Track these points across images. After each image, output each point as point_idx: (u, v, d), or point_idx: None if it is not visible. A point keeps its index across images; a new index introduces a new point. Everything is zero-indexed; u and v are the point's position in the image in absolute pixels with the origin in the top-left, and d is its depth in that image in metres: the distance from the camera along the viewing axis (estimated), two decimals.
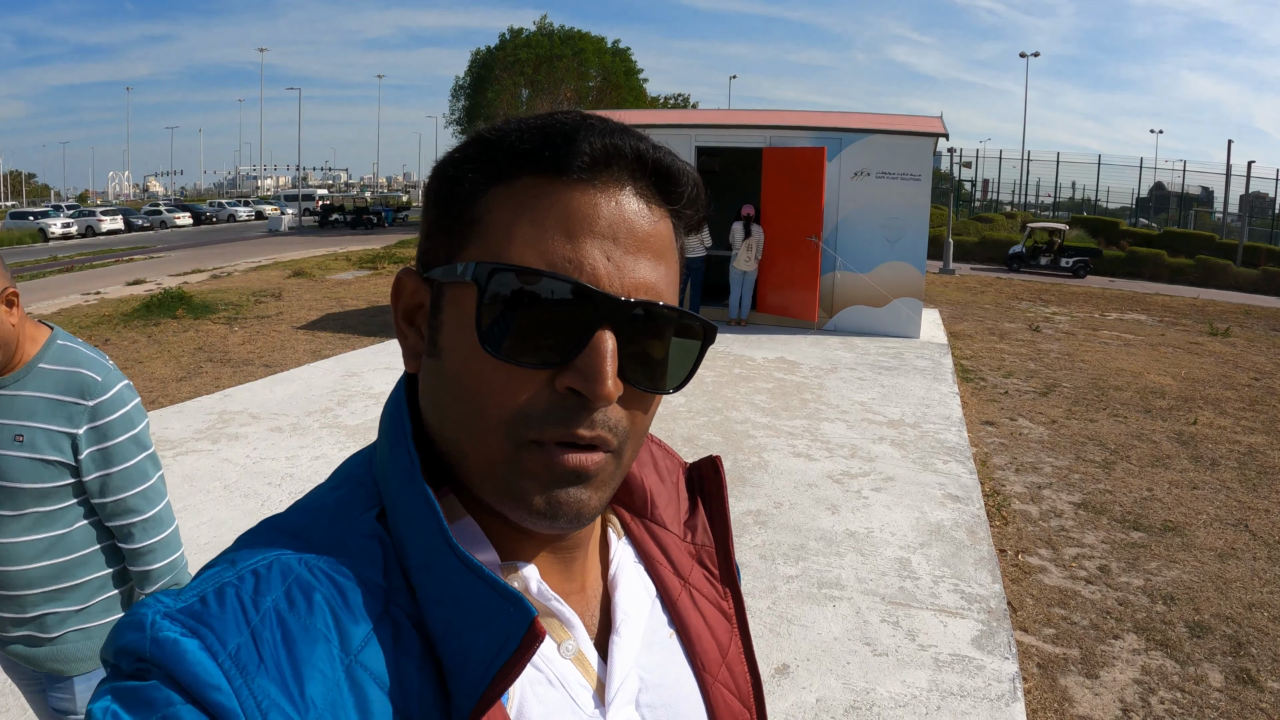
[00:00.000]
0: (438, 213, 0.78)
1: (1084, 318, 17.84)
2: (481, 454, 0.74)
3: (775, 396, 9.60)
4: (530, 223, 0.72)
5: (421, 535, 0.71)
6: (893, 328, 13.71)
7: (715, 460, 1.03)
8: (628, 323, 0.72)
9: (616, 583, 0.89)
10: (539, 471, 0.72)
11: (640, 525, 0.96)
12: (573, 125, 0.74)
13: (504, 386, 0.71)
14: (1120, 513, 6.74)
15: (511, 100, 52.64)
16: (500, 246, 0.72)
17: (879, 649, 4.38)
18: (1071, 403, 10.27)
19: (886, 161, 13.49)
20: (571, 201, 0.72)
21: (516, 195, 0.73)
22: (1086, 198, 46.70)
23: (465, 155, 0.77)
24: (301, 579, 0.68)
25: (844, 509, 6.29)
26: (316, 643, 0.65)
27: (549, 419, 0.71)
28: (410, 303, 0.81)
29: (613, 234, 0.72)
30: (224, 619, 0.64)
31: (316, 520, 0.75)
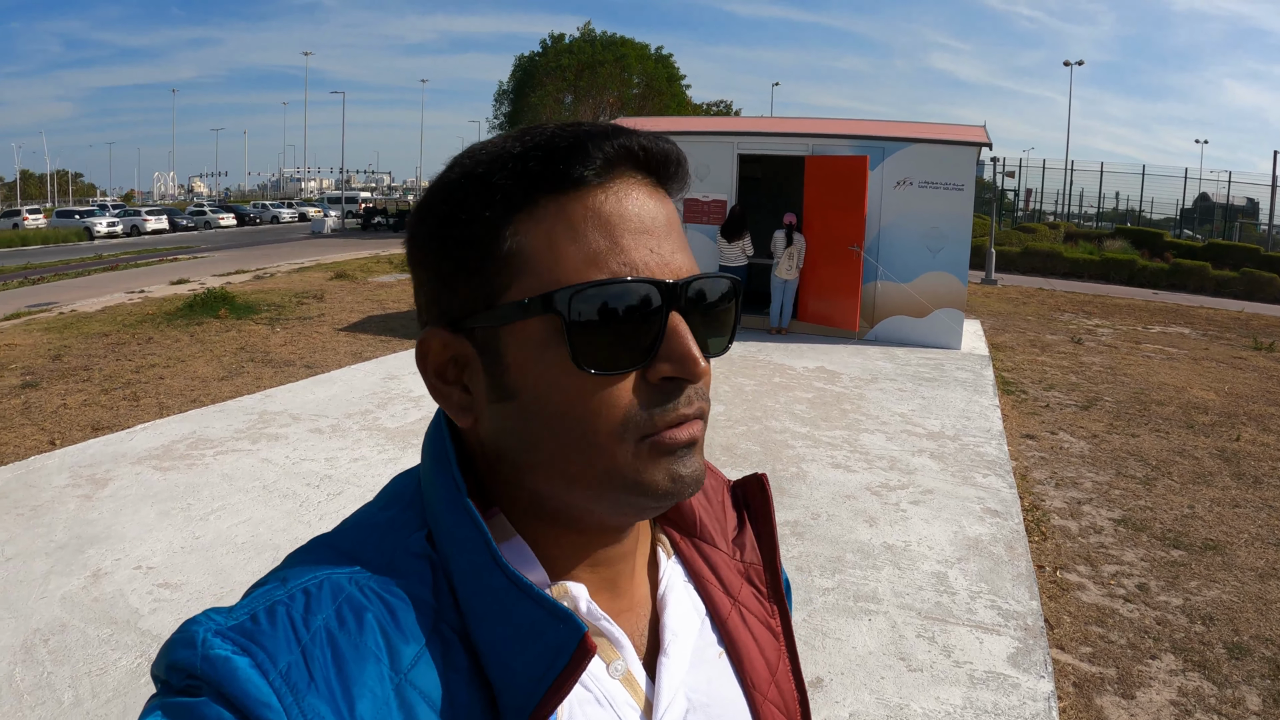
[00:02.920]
0: (453, 262, 0.78)
1: (1127, 330, 17.68)
2: (597, 470, 0.75)
3: (815, 406, 9.60)
4: (571, 240, 0.73)
5: (470, 554, 0.73)
6: (934, 338, 13.65)
7: (761, 478, 1.04)
8: (687, 302, 0.76)
9: (666, 602, 0.89)
10: (660, 457, 0.75)
11: (689, 544, 0.97)
12: (575, 136, 0.76)
13: (605, 399, 0.73)
14: (1160, 530, 6.70)
15: (555, 105, 52.76)
16: (552, 271, 0.73)
17: (914, 664, 4.39)
18: (1113, 417, 10.20)
19: (929, 171, 13.44)
20: (600, 208, 0.74)
21: (544, 219, 0.74)
22: (1131, 208, 46.24)
23: (462, 195, 0.77)
24: (352, 598, 0.69)
25: (882, 521, 6.29)
26: (367, 661, 0.66)
27: (655, 410, 0.74)
28: (442, 359, 0.80)
29: (644, 228, 0.75)
30: (275, 637, 0.65)
31: (366, 539, 0.77)
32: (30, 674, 4.11)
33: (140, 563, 5.32)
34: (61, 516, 6.03)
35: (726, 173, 14.73)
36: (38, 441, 8.13)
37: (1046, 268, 31.17)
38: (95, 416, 9.03)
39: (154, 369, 11.46)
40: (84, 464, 7.19)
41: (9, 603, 4.79)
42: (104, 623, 4.60)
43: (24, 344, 13.33)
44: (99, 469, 7.05)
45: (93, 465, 7.15)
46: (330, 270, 24.28)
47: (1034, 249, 32.56)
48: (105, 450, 7.58)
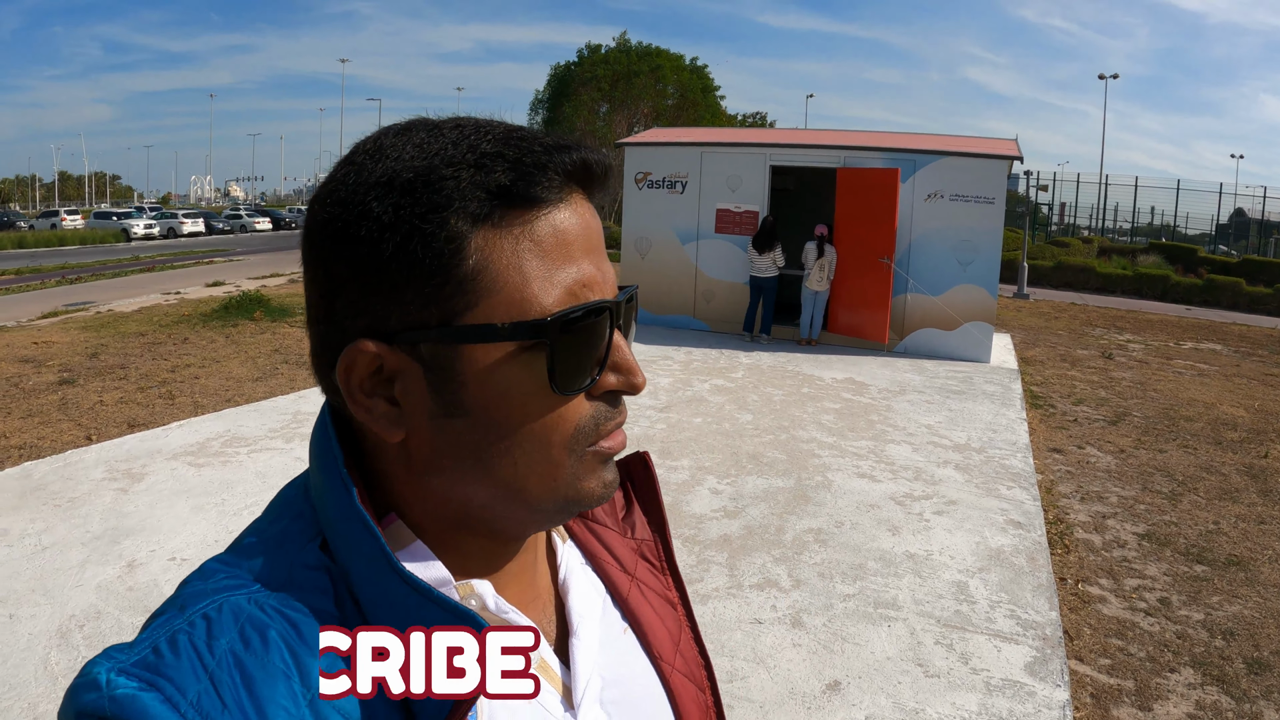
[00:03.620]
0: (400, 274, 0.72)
1: (1158, 346, 17.60)
2: (547, 483, 0.76)
3: (842, 417, 9.65)
4: (538, 260, 0.72)
5: (367, 561, 0.72)
6: (963, 351, 13.66)
7: (644, 456, 1.05)
8: (621, 317, 0.78)
9: (568, 587, 0.90)
10: (597, 466, 0.78)
11: (582, 526, 0.98)
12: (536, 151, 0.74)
13: (562, 415, 0.74)
14: (1185, 545, 6.71)
15: (590, 115, 52.94)
16: (521, 293, 0.72)
17: (931, 670, 4.45)
18: (1141, 432, 10.18)
19: (960, 184, 13.45)
20: (561, 226, 0.74)
21: (507, 234, 0.72)
22: (1166, 223, 45.90)
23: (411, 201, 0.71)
24: (254, 618, 0.67)
25: (905, 531, 6.35)
26: (277, 680, 0.64)
27: (600, 422, 0.77)
28: (366, 374, 0.75)
29: (592, 245, 0.77)
30: (180, 667, 0.63)
31: (260, 556, 0.74)
32: (65, 658, 4.25)
33: (175, 554, 5.45)
34: (98, 508, 6.19)
35: (758, 184, 14.81)
36: (74, 437, 8.30)
37: (1079, 282, 31.00)
38: (131, 414, 9.19)
39: (189, 369, 11.64)
40: (120, 459, 7.36)
41: (46, 590, 4.94)
42: (138, 611, 4.73)
43: (61, 342, 13.56)
44: (135, 464, 7.21)
45: (129, 460, 7.32)
46: None
47: (1067, 264, 32.40)
48: (141, 446, 7.75)
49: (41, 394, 10.08)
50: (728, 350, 13.58)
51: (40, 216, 58.32)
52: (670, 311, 15.75)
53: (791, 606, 5.13)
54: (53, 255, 37.08)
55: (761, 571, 5.58)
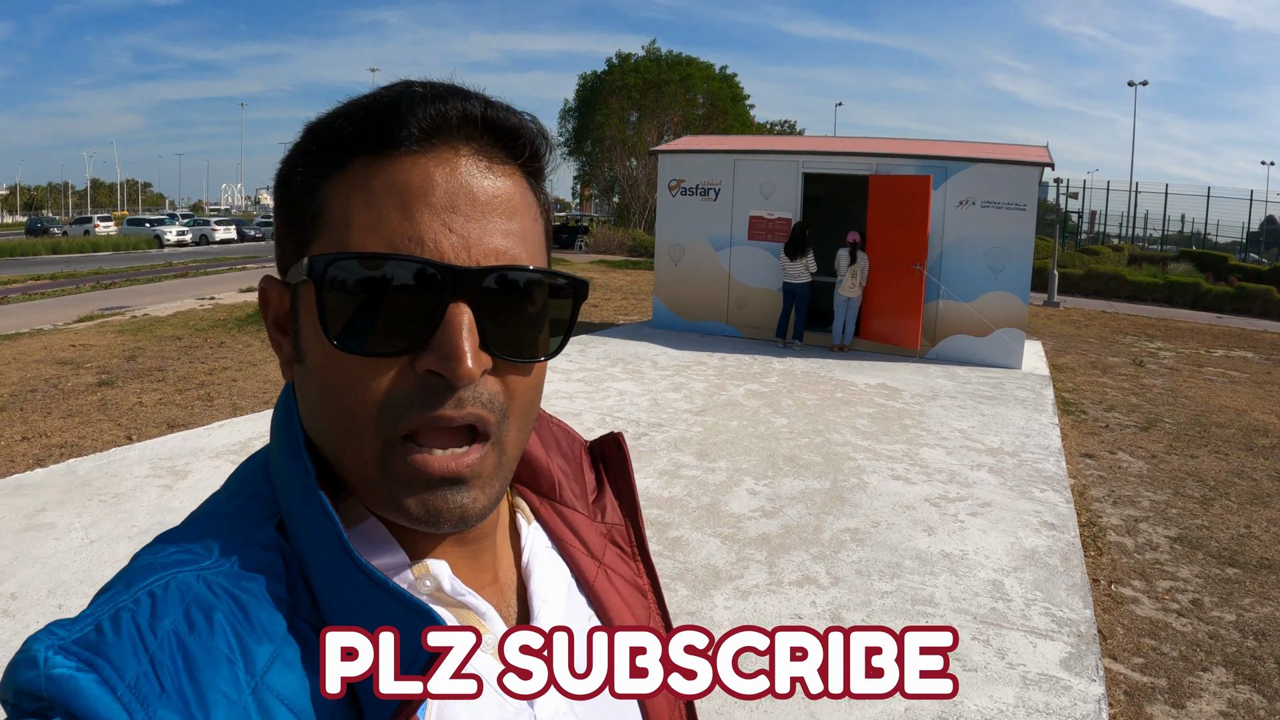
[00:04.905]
0: (283, 213, 0.76)
1: (1189, 353, 17.55)
2: (355, 457, 0.73)
3: (876, 421, 9.75)
4: (366, 206, 0.70)
5: (321, 545, 0.70)
6: (995, 358, 13.69)
7: (618, 437, 1.04)
8: (483, 293, 0.71)
9: (531, 570, 0.88)
10: (409, 477, 0.71)
11: (550, 508, 0.95)
12: (395, 97, 0.72)
13: (365, 381, 0.70)
14: (1216, 548, 6.78)
15: (620, 124, 52.98)
16: (341, 236, 0.70)
17: (968, 665, 4.56)
18: (1173, 438, 10.22)
19: (991, 191, 13.50)
20: (405, 177, 0.70)
21: (350, 181, 0.71)
22: (1196, 231, 45.59)
23: (300, 148, 0.75)
24: (201, 597, 0.65)
25: (940, 531, 6.45)
26: (219, 666, 0.62)
27: (414, 404, 0.70)
28: (278, 310, 0.78)
29: (451, 203, 0.70)
30: (120, 647, 0.61)
31: (213, 532, 0.72)
32: None
33: None
34: (143, 504, 6.33)
35: (791, 191, 14.91)
36: (115, 437, 8.50)
37: (1110, 290, 30.84)
38: (170, 415, 9.39)
39: (226, 371, 11.86)
40: (163, 456, 7.53)
41: (93, 581, 5.05)
42: None
43: (98, 345, 13.80)
44: (178, 461, 7.38)
45: (172, 458, 7.49)
46: None
47: (1097, 271, 32.25)
48: (184, 445, 7.93)
49: (81, 395, 10.30)
50: (761, 356, 13.69)
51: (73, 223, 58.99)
52: (703, 318, 15.87)
53: (831, 603, 5.24)
54: (86, 261, 37.38)
55: (800, 569, 5.70)
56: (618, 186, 55.72)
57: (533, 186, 0.79)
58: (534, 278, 0.74)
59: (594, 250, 43.33)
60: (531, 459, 0.94)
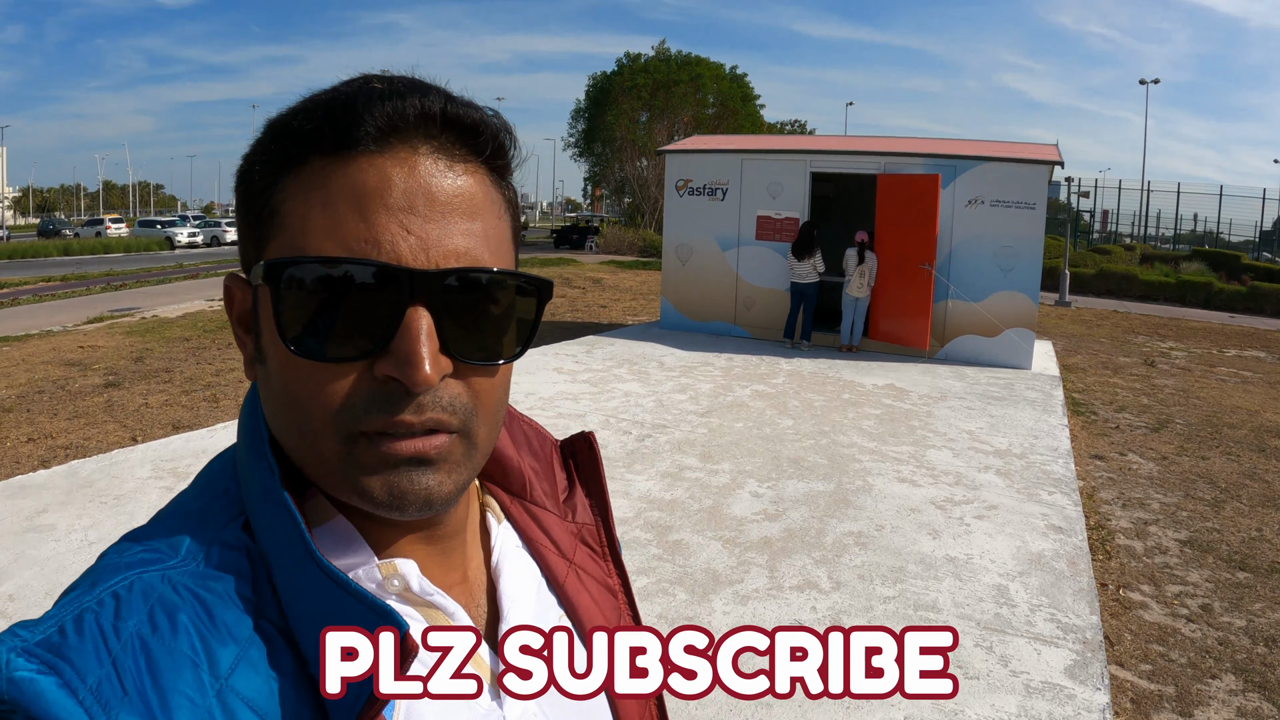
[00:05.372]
0: (242, 210, 0.75)
1: (1201, 353, 17.42)
2: (316, 455, 0.71)
3: (883, 422, 9.67)
4: (323, 207, 0.69)
5: (284, 544, 0.69)
6: (1004, 358, 13.59)
7: (589, 436, 1.02)
8: (443, 295, 0.69)
9: (500, 570, 0.87)
10: (373, 462, 0.70)
11: (520, 507, 0.94)
12: (352, 95, 0.70)
13: (323, 385, 0.69)
14: (1227, 552, 6.68)
15: (630, 124, 53.02)
16: (298, 238, 0.69)
17: (971, 672, 4.48)
18: (1184, 439, 10.12)
19: (1001, 189, 13.40)
20: (362, 177, 0.69)
21: (308, 181, 0.70)
22: (1208, 230, 45.39)
23: (259, 146, 0.74)
24: (165, 599, 0.64)
25: (945, 535, 6.37)
26: (183, 669, 0.61)
27: (372, 409, 0.69)
28: (242, 309, 0.77)
29: (409, 204, 0.69)
30: (83, 650, 0.60)
31: (179, 532, 0.71)
32: None
33: None
34: (144, 505, 6.29)
35: (799, 190, 14.83)
36: (120, 438, 8.50)
37: (1121, 290, 30.70)
38: (176, 416, 9.38)
39: (233, 373, 11.84)
40: (166, 458, 7.51)
41: None
42: None
43: (107, 346, 13.84)
44: (180, 463, 7.34)
45: (175, 459, 7.46)
46: None
47: (1109, 271, 32.11)
48: (187, 446, 7.91)
49: (87, 396, 10.31)
50: (768, 357, 13.62)
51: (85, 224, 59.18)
52: (711, 318, 15.81)
53: (831, 608, 5.17)
54: (98, 262, 37.52)
55: (802, 573, 5.62)
56: (628, 187, 55.78)
57: (497, 184, 0.77)
58: (495, 279, 0.73)
59: (604, 251, 43.38)
60: (502, 457, 0.93)
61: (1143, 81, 53.92)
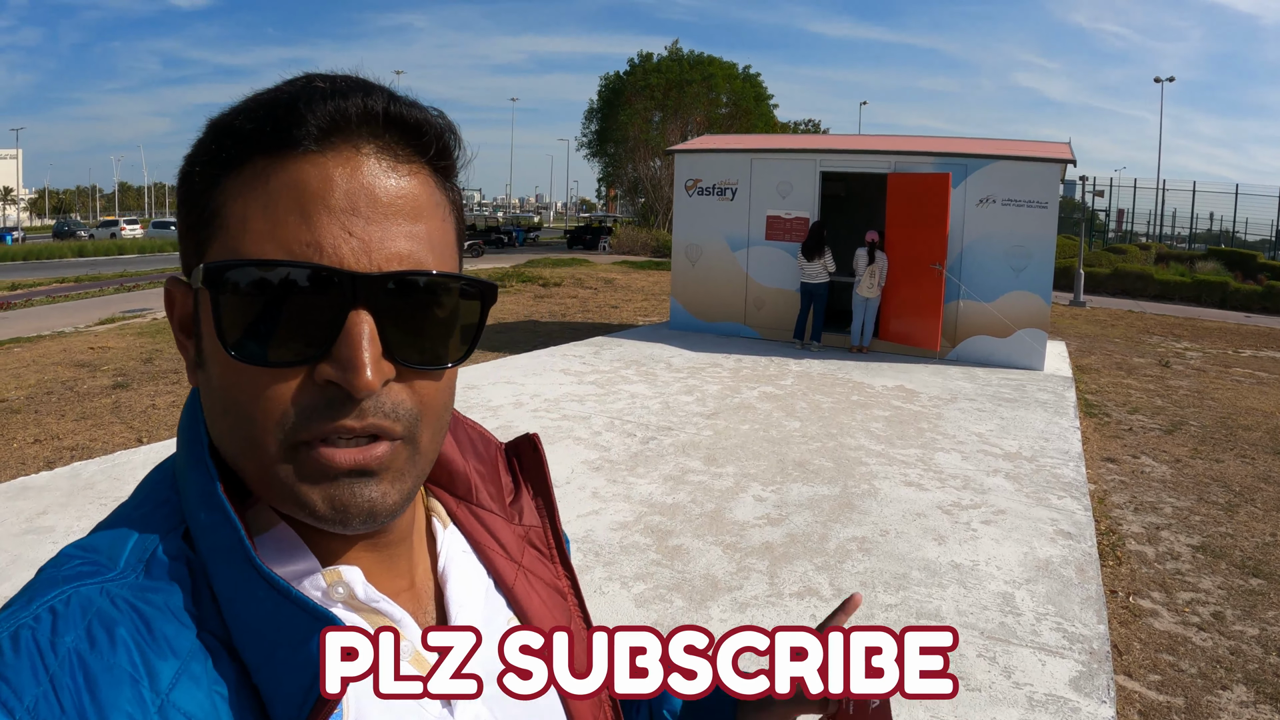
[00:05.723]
0: (183, 212, 0.73)
1: (1216, 354, 17.24)
2: (258, 463, 0.69)
3: (891, 425, 9.55)
4: (264, 209, 0.67)
5: (223, 553, 0.67)
6: (1016, 359, 13.45)
7: (533, 438, 1.01)
8: (385, 299, 0.68)
9: (447, 575, 0.86)
10: (314, 473, 0.68)
11: (467, 511, 0.93)
12: (294, 93, 0.69)
13: (264, 391, 0.67)
14: (1240, 558, 6.55)
15: (643, 124, 53.08)
16: (238, 241, 0.68)
17: (972, 684, 4.37)
18: (1198, 441, 9.98)
19: (1012, 188, 13.25)
20: (303, 178, 0.67)
21: (248, 182, 0.68)
22: (1224, 229, 45.10)
23: (200, 146, 0.72)
24: (103, 613, 0.63)
25: (951, 540, 6.25)
26: (122, 685, 0.59)
27: (314, 415, 0.67)
28: (183, 313, 0.76)
29: (351, 206, 0.67)
30: (19, 668, 0.58)
31: (119, 543, 0.70)
32: None
33: None
34: None
35: (809, 190, 14.72)
36: (126, 439, 8.47)
37: (1136, 290, 30.51)
38: None
39: None
40: None
41: None
42: None
43: (117, 347, 13.84)
44: None
45: None
46: None
47: (1124, 270, 31.90)
48: None
49: (96, 397, 10.29)
50: (777, 358, 13.51)
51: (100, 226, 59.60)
52: (721, 319, 15.71)
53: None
54: (112, 264, 37.81)
55: (802, 580, 5.52)
56: (641, 187, 55.80)
57: (441, 185, 0.76)
58: (438, 281, 0.71)
59: (617, 251, 43.45)
60: (447, 461, 0.92)
61: (1157, 80, 53.68)
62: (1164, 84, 53.40)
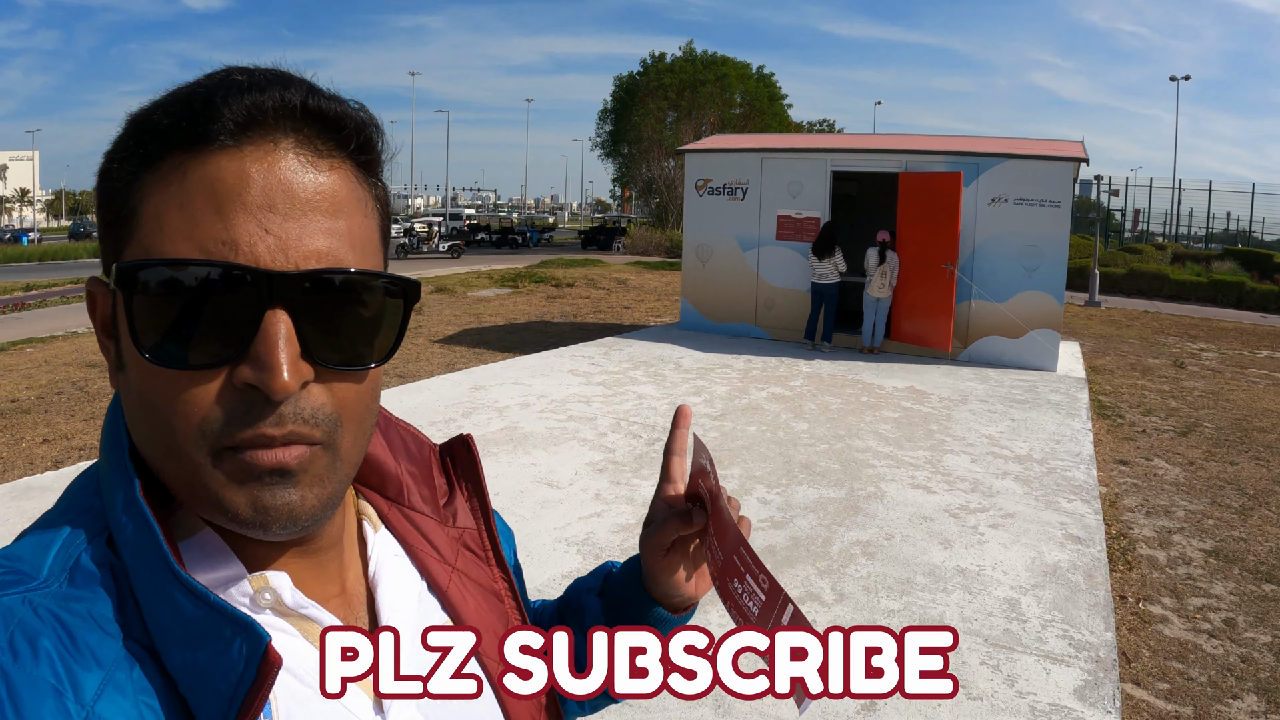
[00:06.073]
0: (101, 210, 0.71)
1: (1232, 355, 17.08)
2: (178, 467, 0.67)
3: (900, 426, 9.45)
4: (180, 207, 0.65)
5: (145, 559, 0.65)
6: (1029, 360, 13.30)
7: (467, 439, 1.00)
8: (303, 298, 0.66)
9: (378, 579, 0.84)
10: (239, 475, 0.66)
11: (399, 513, 0.92)
12: (212, 87, 0.67)
13: (181, 394, 0.65)
14: (1254, 563, 6.44)
15: (656, 124, 53.10)
16: (154, 239, 0.66)
17: (974, 693, 4.27)
18: (1212, 443, 9.85)
19: (1025, 187, 13.11)
20: (219, 174, 0.65)
21: (164, 178, 0.66)
22: (1241, 229, 44.83)
23: (118, 142, 0.70)
24: (25, 623, 0.61)
25: (957, 544, 6.15)
26: (45, 698, 0.58)
27: (234, 421, 0.65)
28: (104, 314, 0.73)
29: (268, 202, 0.65)
30: None
31: (42, 550, 0.68)
32: None
33: None
34: None
35: (820, 190, 14.61)
36: None
37: (1152, 290, 30.32)
38: None
39: None
40: None
41: None
42: None
43: None
44: None
45: None
46: (431, 284, 24.59)
47: (1139, 270, 31.71)
48: None
49: (105, 398, 10.30)
50: (788, 359, 13.40)
51: None
52: (731, 320, 15.60)
53: (832, 622, 4.95)
54: None
55: (804, 584, 5.43)
56: (655, 187, 55.78)
57: (363, 181, 0.74)
58: (358, 280, 0.70)
59: (631, 251, 43.46)
60: (378, 463, 0.91)
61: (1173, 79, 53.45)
62: (1180, 83, 53.18)
